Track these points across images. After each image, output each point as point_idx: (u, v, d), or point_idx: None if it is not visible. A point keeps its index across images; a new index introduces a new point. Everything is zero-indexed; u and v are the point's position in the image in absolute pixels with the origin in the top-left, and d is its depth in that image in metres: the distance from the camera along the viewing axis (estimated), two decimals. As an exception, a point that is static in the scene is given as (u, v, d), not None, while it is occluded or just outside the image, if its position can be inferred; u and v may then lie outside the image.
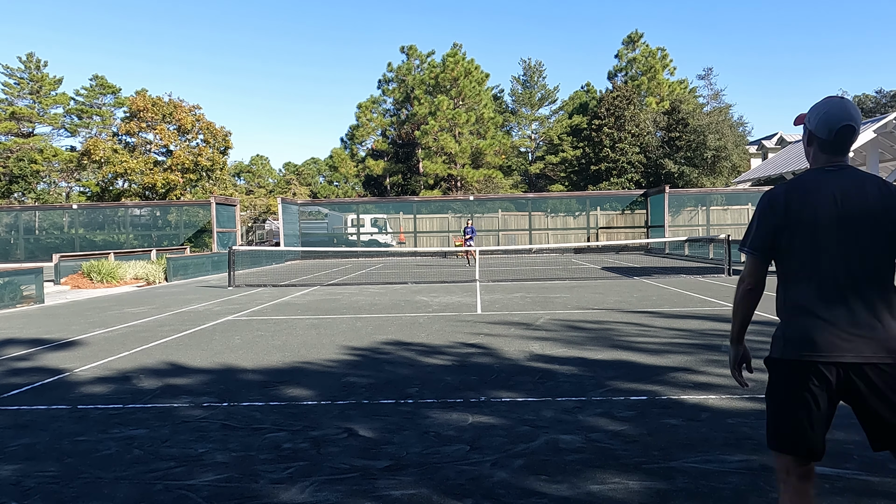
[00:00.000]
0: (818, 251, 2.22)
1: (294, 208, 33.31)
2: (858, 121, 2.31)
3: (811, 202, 2.23)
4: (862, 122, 2.38)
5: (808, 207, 2.23)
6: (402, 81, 48.77)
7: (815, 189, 2.25)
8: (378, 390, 5.50)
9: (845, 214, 2.20)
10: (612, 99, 44.46)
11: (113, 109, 50.77)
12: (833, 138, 2.28)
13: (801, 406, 2.23)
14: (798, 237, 2.24)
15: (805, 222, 2.23)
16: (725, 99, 51.12)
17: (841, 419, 4.37)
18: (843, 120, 2.26)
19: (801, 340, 2.22)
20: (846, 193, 2.22)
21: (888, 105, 48.02)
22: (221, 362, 6.84)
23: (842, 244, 2.20)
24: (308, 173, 66.97)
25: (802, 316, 2.24)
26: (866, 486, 3.27)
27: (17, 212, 34.43)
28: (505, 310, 10.64)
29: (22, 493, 3.47)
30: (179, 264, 20.24)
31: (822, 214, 2.21)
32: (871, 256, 2.20)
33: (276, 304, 12.39)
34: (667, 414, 4.60)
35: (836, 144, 2.29)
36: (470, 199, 34.24)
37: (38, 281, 13.77)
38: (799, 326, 2.24)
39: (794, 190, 2.27)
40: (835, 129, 2.27)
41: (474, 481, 3.46)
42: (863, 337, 2.16)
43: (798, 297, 2.26)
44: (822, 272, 2.22)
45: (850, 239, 2.20)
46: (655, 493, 3.25)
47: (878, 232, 2.20)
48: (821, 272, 2.22)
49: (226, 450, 4.07)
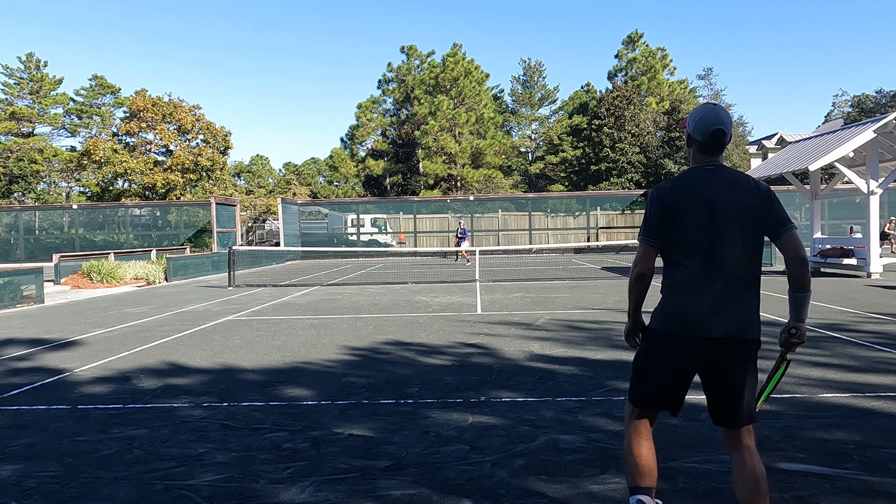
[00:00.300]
0: (698, 239, 2.51)
1: (294, 208, 33.31)
2: (729, 125, 2.62)
3: (693, 196, 2.53)
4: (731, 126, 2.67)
5: (690, 201, 2.52)
6: (402, 81, 48.76)
7: (696, 185, 2.55)
8: (378, 390, 5.50)
9: (722, 207, 2.49)
10: (612, 99, 44.45)
11: (113, 109, 50.79)
12: (707, 140, 2.59)
13: (663, 372, 2.59)
14: (682, 227, 2.53)
15: (688, 214, 2.52)
16: (725, 99, 51.07)
17: (841, 419, 4.38)
18: (714, 124, 2.57)
19: (677, 316, 2.53)
20: (722, 189, 2.52)
21: (888, 105, 48.01)
22: (221, 362, 6.84)
23: (718, 234, 2.49)
24: (308, 173, 66.98)
25: (680, 295, 2.54)
26: (866, 486, 3.27)
27: (17, 212, 34.44)
28: (505, 310, 10.64)
29: (22, 493, 3.48)
30: (179, 264, 20.24)
31: (701, 207, 2.50)
32: (743, 245, 2.50)
33: (276, 304, 12.39)
34: (667, 414, 4.59)
35: (711, 146, 2.60)
36: (470, 199, 34.24)
37: (38, 281, 13.77)
38: (677, 304, 2.55)
39: (679, 185, 2.58)
40: (708, 133, 2.58)
41: (474, 481, 3.46)
42: (724, 315, 2.46)
43: (678, 279, 2.56)
44: (700, 258, 2.51)
45: (725, 229, 2.49)
46: (655, 492, 3.24)
47: (749, 223, 2.50)
48: (698, 258, 2.51)
49: (226, 450, 4.07)
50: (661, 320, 2.59)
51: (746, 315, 2.50)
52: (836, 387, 5.24)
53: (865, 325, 8.17)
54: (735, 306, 2.48)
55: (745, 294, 2.50)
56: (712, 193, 2.51)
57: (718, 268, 2.49)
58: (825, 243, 16.67)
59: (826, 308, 9.86)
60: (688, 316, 2.50)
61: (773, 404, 4.78)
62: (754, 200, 2.51)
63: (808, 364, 6.05)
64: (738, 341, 2.48)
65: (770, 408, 4.69)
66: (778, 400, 4.89)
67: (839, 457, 3.68)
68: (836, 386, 5.26)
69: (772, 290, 12.75)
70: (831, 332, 7.77)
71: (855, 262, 15.21)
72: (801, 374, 5.69)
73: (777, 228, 2.52)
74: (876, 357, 6.31)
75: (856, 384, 5.30)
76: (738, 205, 2.50)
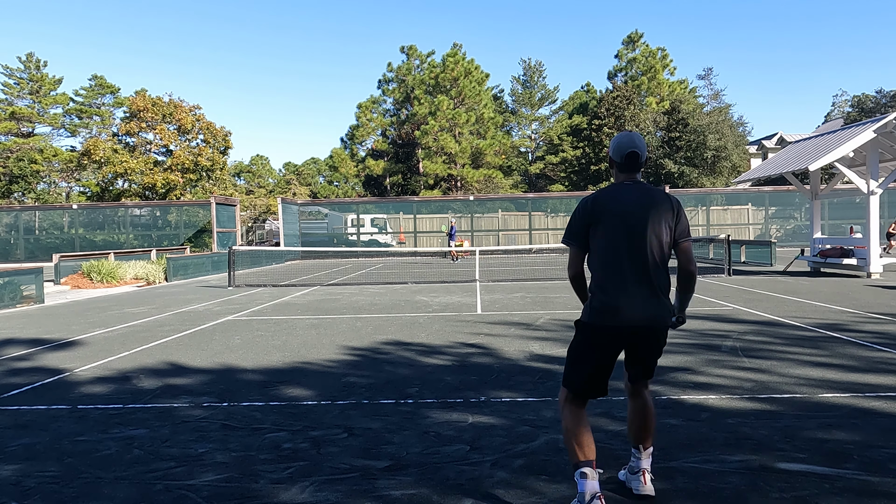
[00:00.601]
0: (617, 243, 2.95)
1: (294, 208, 33.30)
2: (642, 148, 3.07)
3: (612, 207, 2.98)
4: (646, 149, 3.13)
5: (610, 211, 2.98)
6: (402, 81, 48.75)
7: (616, 197, 3.00)
8: (378, 390, 5.50)
9: (637, 216, 2.95)
10: (612, 99, 44.45)
11: (112, 109, 50.81)
12: (624, 161, 3.08)
13: (594, 360, 2.98)
14: (602, 233, 2.98)
15: (608, 222, 2.97)
16: (725, 99, 51.14)
17: (841, 419, 4.38)
18: (629, 147, 3.06)
19: (604, 310, 2.95)
20: (637, 201, 2.97)
21: (888, 105, 48.00)
22: (221, 362, 6.84)
23: (634, 238, 2.94)
24: (308, 173, 66.98)
25: (606, 292, 2.96)
26: (866, 486, 3.27)
27: (17, 212, 34.44)
28: (505, 310, 10.64)
29: (22, 493, 3.48)
30: (179, 264, 20.24)
31: (619, 216, 2.95)
32: (654, 247, 2.95)
33: (276, 304, 12.39)
34: (667, 414, 4.60)
35: (627, 166, 3.08)
36: (470, 199, 34.24)
37: (38, 281, 13.77)
38: (603, 300, 2.96)
39: (601, 198, 3.02)
40: (624, 155, 3.06)
41: (474, 481, 3.46)
42: (645, 306, 2.92)
43: (603, 277, 2.99)
44: (620, 259, 2.95)
45: (639, 234, 2.94)
46: (655, 493, 3.25)
47: (658, 229, 2.96)
48: (618, 259, 2.95)
49: (226, 450, 4.07)
50: (592, 315, 2.99)
51: (662, 306, 2.98)
52: (836, 387, 5.23)
53: (865, 325, 8.17)
54: (651, 300, 2.94)
55: (658, 289, 2.96)
56: (629, 205, 2.96)
57: (636, 267, 2.93)
58: (825, 243, 16.67)
59: (826, 308, 9.86)
60: (612, 311, 2.92)
61: (773, 404, 4.78)
62: (666, 211, 2.99)
63: (808, 364, 6.05)
64: (656, 327, 2.97)
65: (770, 408, 4.69)
66: (778, 400, 4.90)
67: (839, 457, 3.68)
68: (836, 386, 5.26)
69: (771, 289, 12.74)
70: (831, 332, 7.77)
71: (855, 262, 15.20)
72: (801, 374, 5.69)
73: (679, 237, 3.03)
74: (876, 357, 6.31)
75: (856, 384, 5.30)
76: (652, 214, 2.96)
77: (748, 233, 33.05)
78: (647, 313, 2.92)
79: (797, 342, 7.17)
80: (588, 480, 2.84)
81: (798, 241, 30.12)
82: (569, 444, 2.96)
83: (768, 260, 20.27)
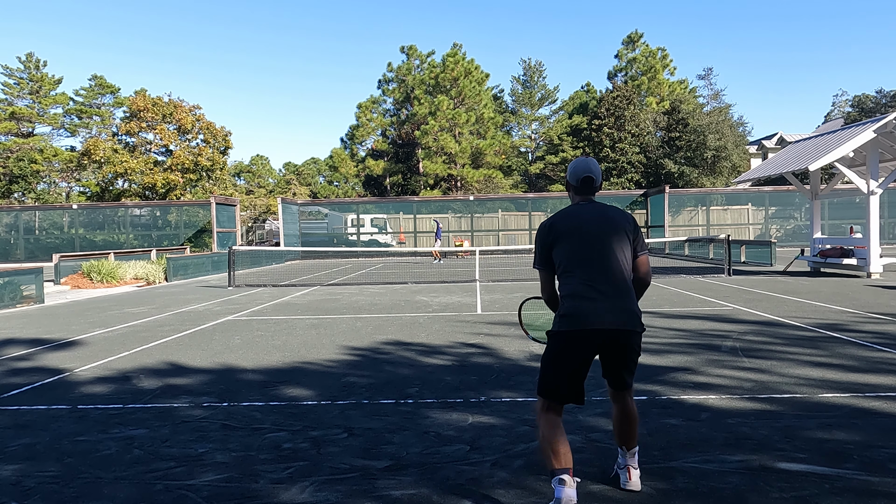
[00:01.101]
0: (580, 256, 3.17)
1: (294, 208, 33.29)
2: (597, 173, 3.33)
3: (570, 224, 3.23)
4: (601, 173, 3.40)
5: (568, 227, 3.22)
6: (402, 81, 48.74)
7: (573, 215, 3.26)
8: (378, 390, 5.50)
9: (594, 231, 3.19)
10: (612, 99, 44.44)
11: (112, 109, 50.80)
12: (580, 185, 3.35)
13: (567, 367, 3.10)
14: (565, 249, 3.20)
15: (567, 239, 3.20)
16: (725, 99, 51.16)
17: (841, 419, 4.38)
18: (584, 172, 3.33)
19: (573, 315, 3.09)
20: (595, 219, 3.23)
21: (888, 105, 48.01)
22: (221, 362, 6.84)
23: (595, 250, 3.16)
24: (308, 173, 66.97)
25: (573, 301, 3.12)
26: (866, 486, 3.27)
27: (17, 212, 34.44)
28: (505, 310, 10.64)
29: (22, 493, 3.48)
30: (179, 264, 20.24)
31: (578, 231, 3.20)
32: (614, 258, 3.16)
33: (276, 304, 12.39)
34: (667, 414, 4.60)
35: (583, 188, 3.35)
36: (470, 199, 34.24)
37: (38, 281, 13.77)
38: (571, 305, 3.12)
39: (559, 219, 3.27)
40: (580, 178, 3.34)
41: (474, 481, 3.46)
42: (613, 311, 3.07)
43: (570, 288, 3.16)
44: (584, 270, 3.15)
45: (599, 247, 3.17)
46: (655, 493, 3.25)
47: (618, 241, 3.19)
48: (583, 269, 3.15)
49: (226, 450, 4.07)
50: (561, 322, 3.13)
51: (629, 312, 3.11)
52: (836, 387, 5.23)
53: (865, 325, 8.17)
54: (619, 305, 3.09)
55: (624, 296, 3.13)
56: (587, 221, 3.22)
57: (602, 276, 3.12)
58: (825, 243, 16.67)
59: (826, 308, 9.86)
60: (581, 316, 3.07)
61: (773, 404, 4.79)
62: (623, 227, 3.23)
63: (808, 364, 6.05)
64: (623, 332, 3.09)
65: (770, 408, 4.69)
66: (778, 400, 4.90)
67: (839, 457, 3.68)
68: (836, 386, 5.26)
69: (771, 289, 12.75)
70: (831, 332, 7.77)
71: (855, 262, 15.20)
72: (801, 374, 5.69)
73: (636, 250, 3.27)
74: (876, 357, 6.31)
75: (856, 384, 5.30)
76: (610, 228, 3.20)
77: (748, 233, 33.05)
78: (615, 318, 3.06)
79: (797, 342, 7.17)
80: (566, 488, 2.89)
81: (798, 241, 30.14)
82: (545, 452, 3.03)
83: (768, 260, 20.27)
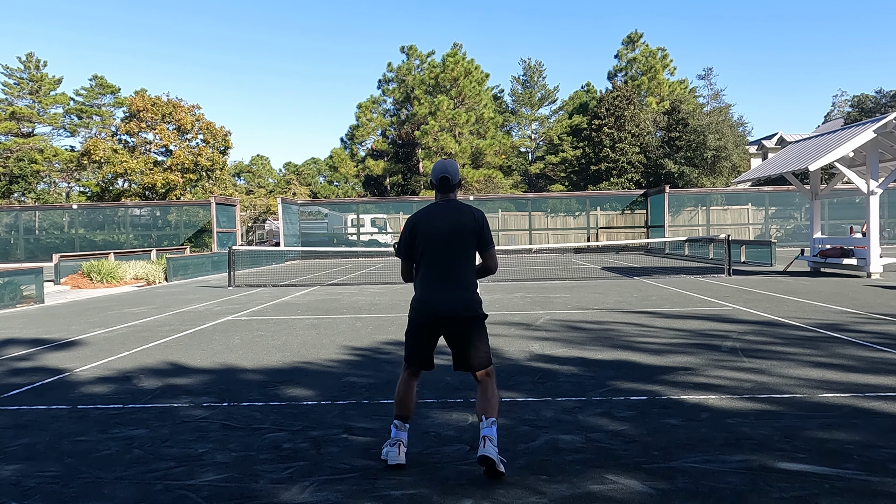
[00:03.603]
0: (433, 251, 3.66)
1: (294, 208, 33.30)
2: (453, 173, 3.78)
3: (426, 222, 3.69)
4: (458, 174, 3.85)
5: (424, 225, 3.69)
6: (402, 81, 48.71)
7: (431, 214, 3.72)
8: (378, 390, 5.50)
9: (447, 229, 3.65)
10: (612, 99, 44.43)
11: (112, 109, 50.77)
12: (438, 183, 3.78)
13: (419, 342, 3.75)
14: (419, 245, 3.69)
15: (423, 235, 3.67)
16: (725, 99, 51.09)
17: (841, 419, 4.38)
18: (441, 172, 3.77)
19: (418, 307, 3.72)
20: (449, 217, 3.67)
21: (888, 105, 48.01)
22: (221, 362, 6.84)
23: (445, 246, 3.65)
24: (308, 173, 66.93)
25: (423, 290, 3.71)
26: (866, 486, 3.27)
27: (17, 212, 34.44)
28: (505, 310, 10.63)
29: (22, 493, 3.47)
30: (179, 264, 20.24)
31: (433, 230, 3.66)
32: (461, 253, 3.67)
33: (276, 304, 12.39)
34: (667, 414, 4.60)
35: (441, 187, 3.79)
36: (470, 199, 34.23)
37: (38, 281, 13.77)
38: (420, 296, 3.71)
39: (420, 216, 3.74)
40: (437, 178, 3.78)
41: (474, 481, 3.46)
42: (451, 301, 3.64)
43: (423, 279, 3.72)
44: (430, 264, 3.68)
45: (449, 243, 3.65)
46: (655, 493, 3.25)
47: (465, 238, 3.67)
48: (430, 264, 3.68)
49: (226, 450, 4.07)
50: (411, 311, 3.78)
51: (469, 300, 3.66)
52: (836, 387, 5.23)
53: (865, 325, 8.17)
54: (459, 295, 3.65)
55: (465, 286, 3.68)
56: (439, 220, 3.67)
57: (443, 270, 3.65)
58: (825, 243, 16.67)
59: (826, 308, 9.86)
60: (427, 303, 3.67)
61: (773, 404, 4.79)
62: (471, 224, 3.66)
63: (808, 364, 6.05)
64: (462, 317, 3.64)
65: (770, 408, 4.69)
66: (778, 400, 4.90)
67: (839, 457, 3.68)
68: (836, 386, 5.26)
69: (771, 289, 12.74)
70: (831, 332, 7.77)
71: (855, 262, 15.20)
72: (801, 374, 5.69)
73: (483, 245, 3.73)
74: (876, 357, 6.31)
75: (856, 384, 5.30)
76: (459, 227, 3.64)
77: (748, 233, 33.05)
78: (451, 306, 3.62)
79: (797, 342, 7.17)
80: (398, 430, 3.71)
81: (798, 241, 30.13)
82: (396, 402, 3.78)
83: (768, 260, 20.27)
